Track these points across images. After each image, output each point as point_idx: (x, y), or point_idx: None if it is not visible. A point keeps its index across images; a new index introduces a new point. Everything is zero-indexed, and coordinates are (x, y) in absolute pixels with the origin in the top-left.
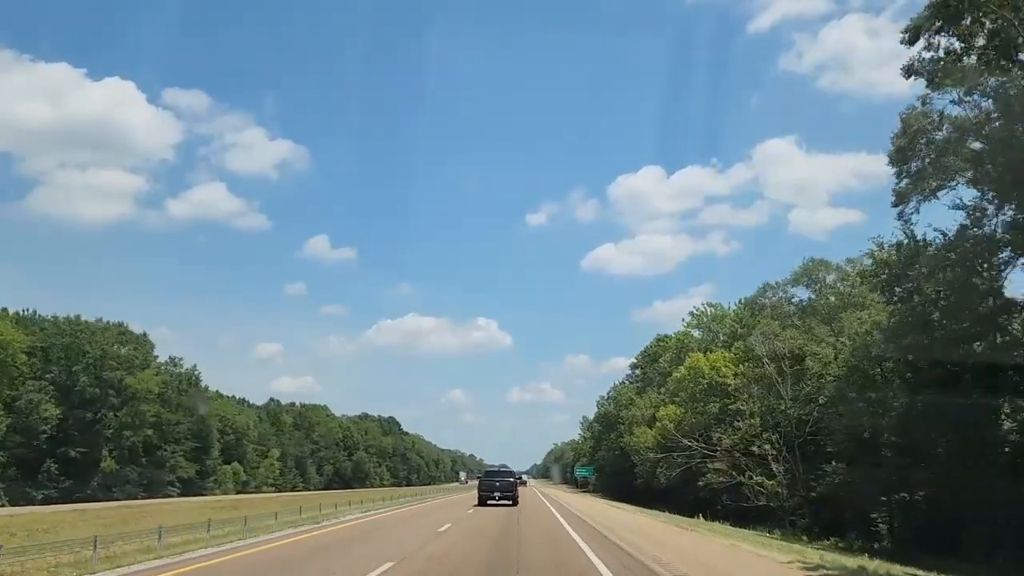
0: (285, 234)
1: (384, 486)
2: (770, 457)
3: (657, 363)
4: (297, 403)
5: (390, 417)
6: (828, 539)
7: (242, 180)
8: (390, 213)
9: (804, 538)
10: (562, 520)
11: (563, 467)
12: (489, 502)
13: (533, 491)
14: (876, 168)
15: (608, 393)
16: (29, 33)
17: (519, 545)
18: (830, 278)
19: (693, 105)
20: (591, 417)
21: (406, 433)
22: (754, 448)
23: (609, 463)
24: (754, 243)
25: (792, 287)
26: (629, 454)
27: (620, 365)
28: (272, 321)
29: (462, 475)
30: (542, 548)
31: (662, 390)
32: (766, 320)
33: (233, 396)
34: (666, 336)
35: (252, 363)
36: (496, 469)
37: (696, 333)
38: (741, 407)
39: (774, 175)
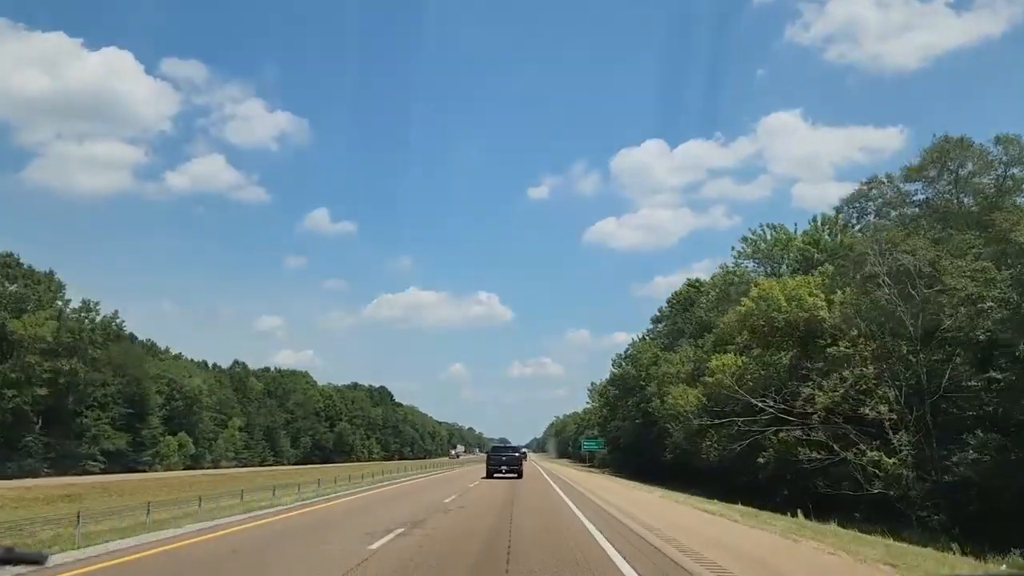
0: (285, 207)
1: (373, 460)
2: (887, 423)
3: (691, 311)
4: (273, 368)
5: (381, 387)
6: (1012, 551)
7: (241, 152)
8: (390, 186)
9: (954, 546)
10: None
11: (563, 441)
12: (496, 475)
13: (534, 467)
14: (882, 142)
15: (626, 351)
16: (24, 1)
17: None
18: (966, 169)
19: (697, 77)
20: (602, 381)
21: (399, 404)
22: (865, 410)
23: (626, 434)
24: (757, 218)
25: (908, 183)
26: (655, 422)
27: (621, 340)
28: (273, 294)
29: (458, 447)
30: None
31: (700, 341)
32: (879, 226)
33: (204, 362)
34: (698, 281)
35: (253, 336)
36: (503, 445)
37: (750, 265)
38: (846, 350)
39: (778, 149)
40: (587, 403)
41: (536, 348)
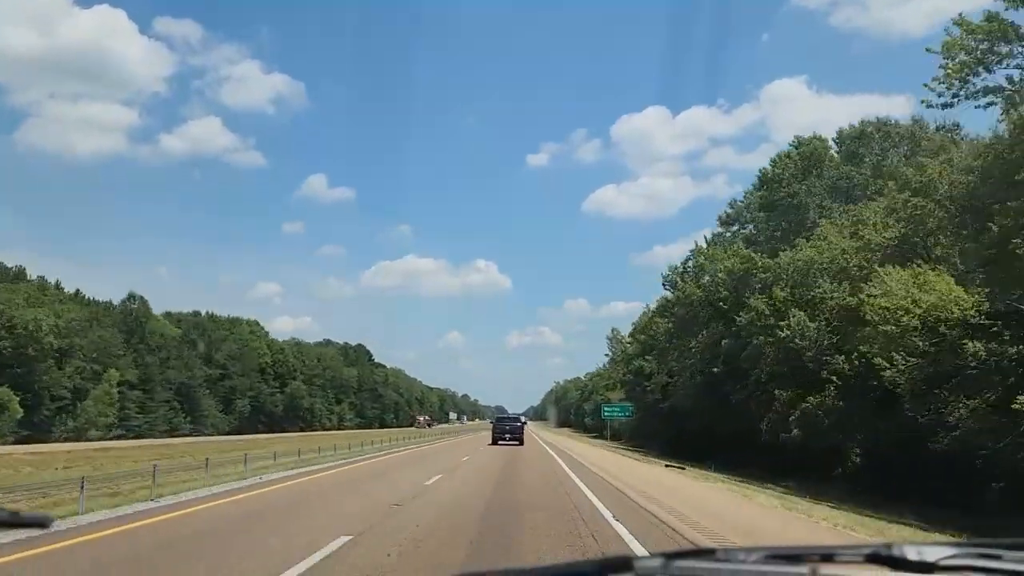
0: (282, 172)
1: (344, 428)
2: None
3: (814, 178)
4: (204, 312)
5: (358, 345)
6: None
7: (237, 115)
8: (389, 152)
9: None
10: None
11: (564, 409)
12: (500, 442)
13: (536, 442)
14: (889, 111)
15: (685, 264)
16: None
17: None
18: None
19: (701, 41)
20: (642, 317)
21: (378, 364)
22: None
23: (684, 393)
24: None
25: None
26: (747, 371)
27: (620, 309)
28: (270, 261)
29: (452, 415)
30: None
31: (866, 205)
32: None
33: (79, 294)
34: (817, 136)
35: (251, 303)
36: (506, 416)
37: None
38: None
39: (782, 117)
40: (606, 356)
41: (534, 317)
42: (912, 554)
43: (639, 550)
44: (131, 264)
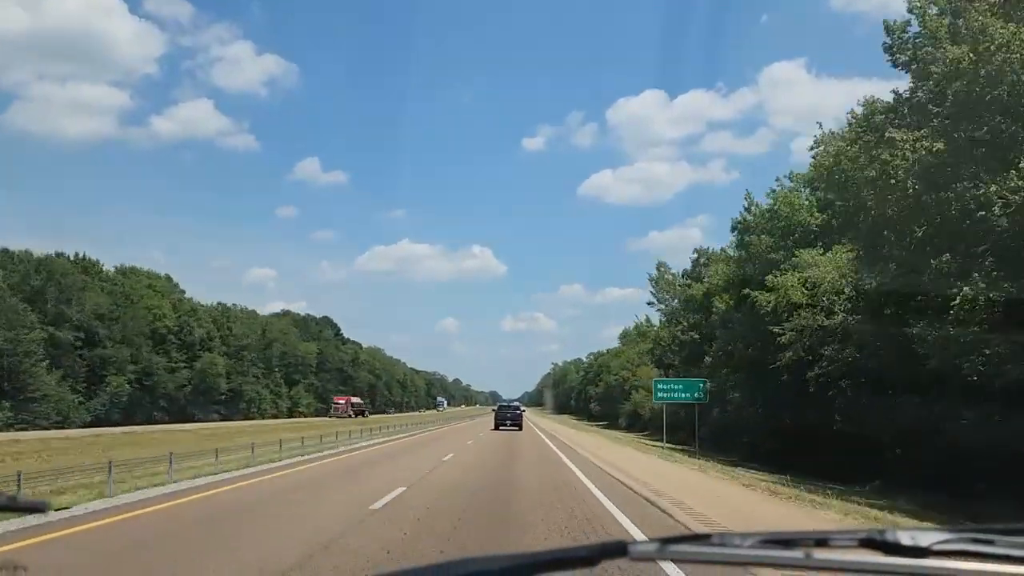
0: (275, 156)
1: (297, 416)
2: None
3: None
4: (77, 253)
5: (324, 317)
6: None
7: (230, 97)
8: (383, 136)
9: None
10: None
11: (563, 393)
12: (502, 428)
13: (538, 436)
14: (888, 96)
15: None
16: None
17: None
18: None
19: (699, 24)
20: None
21: (346, 340)
22: None
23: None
24: (756, 173)
25: None
26: None
27: (615, 295)
28: (264, 245)
29: (440, 399)
30: None
31: None
32: None
33: None
34: None
35: (245, 287)
36: (507, 404)
37: None
38: None
39: (780, 101)
40: (651, 303)
41: (529, 303)
42: (905, 539)
43: None
44: (123, 249)
